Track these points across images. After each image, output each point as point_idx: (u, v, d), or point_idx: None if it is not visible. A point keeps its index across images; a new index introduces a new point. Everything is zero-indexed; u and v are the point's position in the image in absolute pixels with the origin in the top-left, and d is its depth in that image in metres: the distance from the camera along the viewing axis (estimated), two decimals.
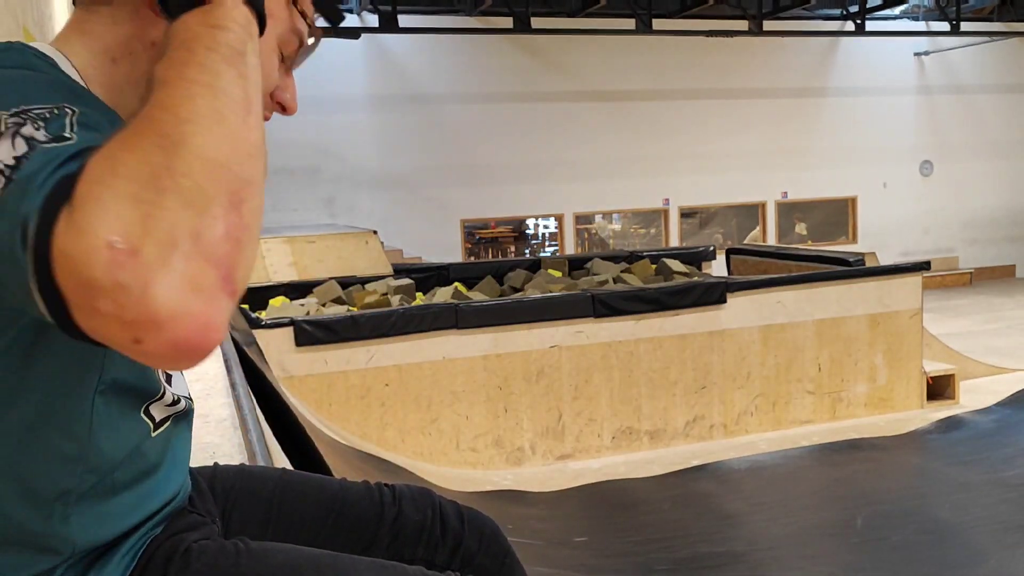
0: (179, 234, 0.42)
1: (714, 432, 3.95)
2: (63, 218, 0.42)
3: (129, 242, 0.41)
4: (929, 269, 4.49)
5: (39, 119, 0.48)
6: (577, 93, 8.98)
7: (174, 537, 0.68)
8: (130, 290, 0.41)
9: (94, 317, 0.42)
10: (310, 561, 0.69)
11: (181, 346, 0.42)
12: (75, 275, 0.41)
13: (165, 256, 0.42)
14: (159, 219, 0.42)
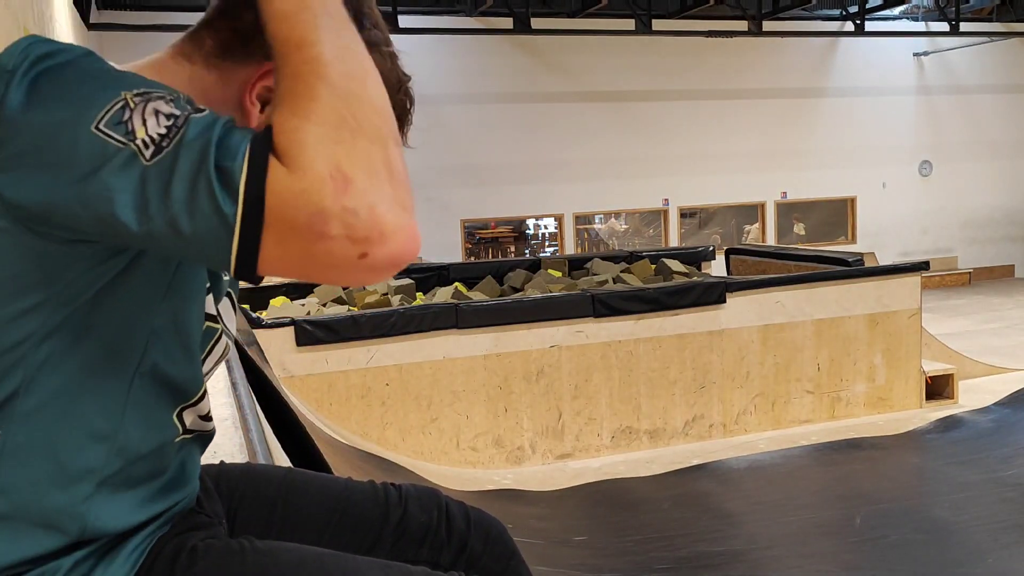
0: (377, 165, 0.51)
1: (713, 431, 3.96)
2: (274, 166, 0.50)
3: (343, 174, 0.49)
4: (928, 269, 4.50)
5: (164, 96, 0.54)
6: (577, 93, 8.99)
7: (181, 536, 0.69)
8: (358, 212, 0.49)
9: (323, 240, 0.49)
10: (315, 560, 0.70)
11: (398, 256, 0.51)
12: (306, 207, 0.49)
13: (374, 182, 0.51)
14: (359, 153, 0.51)
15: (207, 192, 0.50)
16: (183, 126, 0.52)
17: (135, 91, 0.53)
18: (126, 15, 7.16)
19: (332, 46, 0.54)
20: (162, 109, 0.53)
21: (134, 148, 0.51)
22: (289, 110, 0.51)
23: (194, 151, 0.50)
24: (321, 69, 0.53)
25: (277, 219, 0.49)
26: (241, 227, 0.50)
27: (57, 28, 3.98)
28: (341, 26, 0.56)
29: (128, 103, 0.52)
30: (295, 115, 0.51)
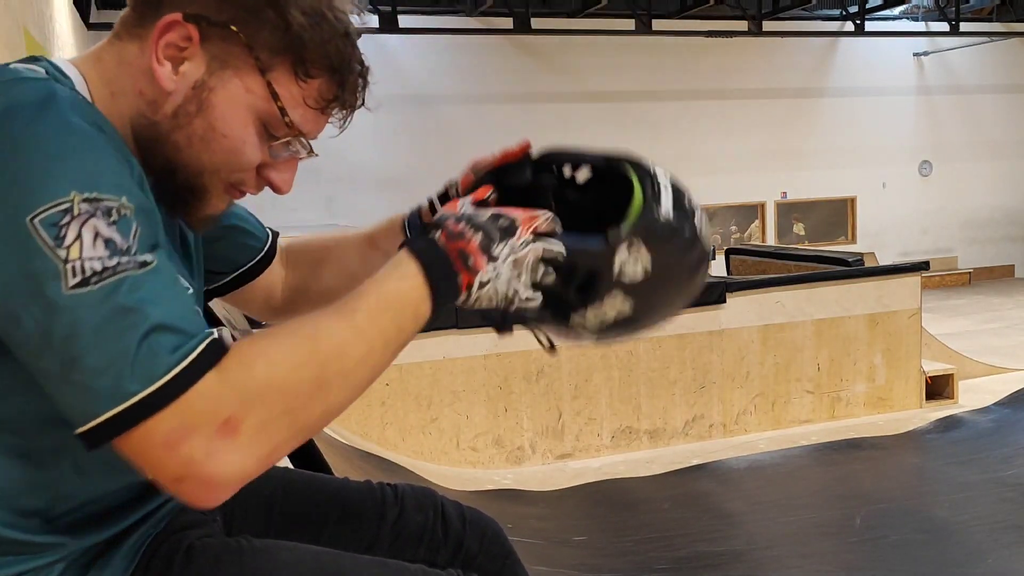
0: (272, 448, 0.53)
1: (713, 431, 3.96)
2: (209, 378, 0.51)
3: (234, 432, 0.51)
4: (928, 269, 4.50)
5: (109, 213, 0.52)
6: (577, 93, 8.99)
7: (176, 535, 0.69)
8: (210, 466, 0.51)
9: (165, 453, 0.50)
10: (312, 559, 0.70)
11: (198, 500, 0.53)
12: (184, 426, 0.50)
13: (252, 455, 0.52)
14: (269, 432, 0.53)
15: (117, 364, 0.49)
16: (120, 273, 0.50)
17: (85, 194, 0.51)
18: None
19: (367, 339, 0.57)
20: (102, 231, 0.51)
21: (59, 267, 0.49)
22: (262, 349, 0.53)
23: (122, 319, 0.49)
24: (331, 339, 0.55)
25: (164, 420, 0.50)
26: (126, 410, 0.49)
27: (57, 28, 3.98)
28: (399, 334, 0.59)
29: (72, 208, 0.50)
30: (259, 357, 0.52)
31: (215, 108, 0.61)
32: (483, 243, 0.62)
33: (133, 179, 0.56)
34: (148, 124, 0.62)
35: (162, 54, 0.61)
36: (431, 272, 0.61)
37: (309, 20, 0.62)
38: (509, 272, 0.63)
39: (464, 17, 8.35)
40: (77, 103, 0.56)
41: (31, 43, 3.02)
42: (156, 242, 0.54)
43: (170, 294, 0.53)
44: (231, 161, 0.63)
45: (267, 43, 0.61)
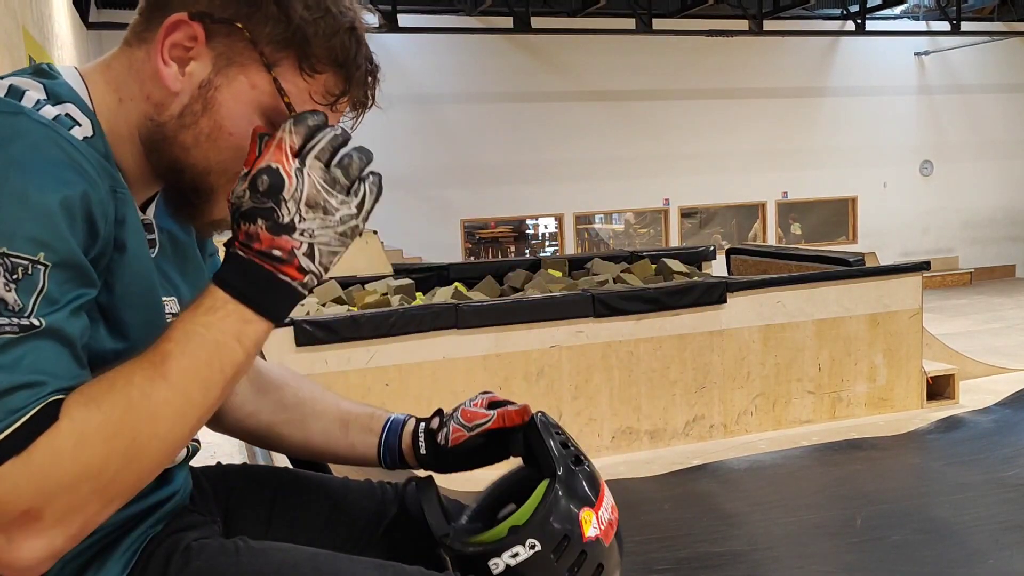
0: (82, 525, 0.52)
1: (714, 432, 3.95)
2: (8, 467, 0.48)
3: (36, 520, 0.49)
4: (929, 269, 4.49)
5: (14, 271, 0.50)
6: (577, 93, 8.98)
7: (174, 535, 0.69)
8: (12, 553, 0.50)
9: None
10: (309, 560, 0.70)
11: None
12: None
13: (59, 536, 0.51)
14: (75, 513, 0.51)
15: None
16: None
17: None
18: (126, 14, 7.16)
19: (181, 398, 0.54)
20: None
21: None
22: (74, 434, 0.50)
23: None
24: (144, 401, 0.52)
25: None
26: None
27: (56, 28, 3.97)
28: (219, 384, 0.56)
29: None
30: (73, 431, 0.50)
31: (221, 106, 0.61)
32: (269, 226, 0.57)
33: (98, 212, 0.54)
34: (154, 126, 0.62)
35: (168, 55, 0.61)
36: (239, 286, 0.57)
37: (312, 14, 0.61)
38: (315, 214, 0.57)
39: (464, 16, 8.34)
40: (38, 143, 0.53)
41: (30, 43, 3.02)
42: (74, 292, 0.53)
43: (40, 360, 0.50)
44: (239, 159, 0.61)
45: (271, 38, 0.60)
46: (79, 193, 0.54)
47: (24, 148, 0.52)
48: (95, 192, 0.55)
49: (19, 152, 0.52)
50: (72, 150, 0.55)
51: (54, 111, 0.57)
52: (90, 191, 0.54)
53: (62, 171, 0.53)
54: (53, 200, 0.52)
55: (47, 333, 0.51)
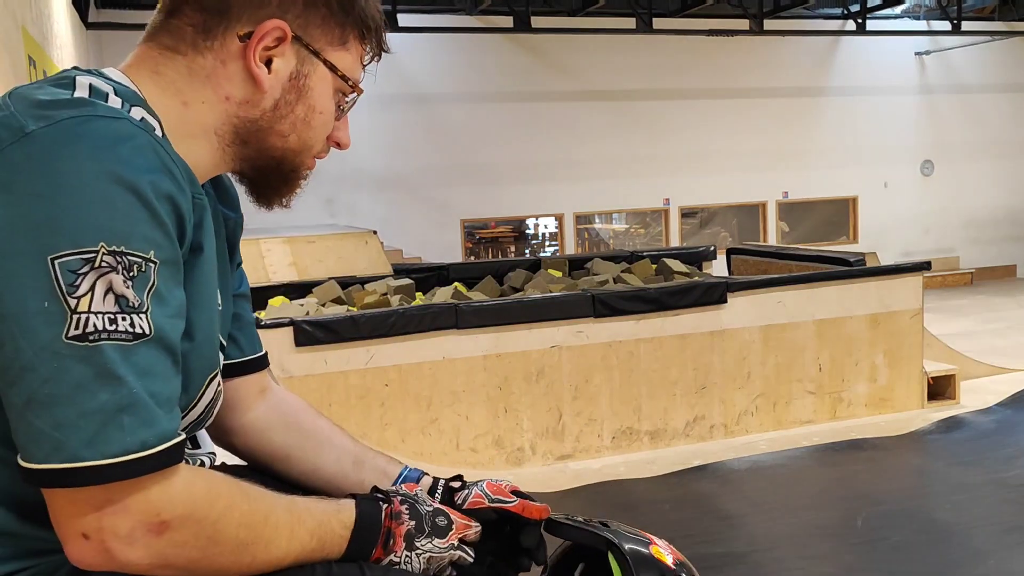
0: (165, 564, 0.56)
1: (714, 432, 3.95)
2: (149, 482, 0.53)
3: (159, 534, 0.55)
4: (930, 269, 4.48)
5: (131, 268, 0.53)
6: (577, 92, 8.97)
7: None
8: (120, 544, 0.54)
9: (90, 513, 0.53)
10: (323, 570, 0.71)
11: (82, 562, 0.55)
12: (121, 506, 0.53)
13: (154, 558, 0.55)
14: (178, 552, 0.56)
15: (80, 425, 0.51)
16: (117, 340, 0.52)
17: (112, 247, 0.52)
18: (125, 14, 7.15)
19: (286, 547, 0.62)
20: (116, 287, 0.52)
21: (65, 313, 0.51)
22: (224, 497, 0.58)
23: (103, 384, 0.51)
24: (253, 529, 0.60)
25: (99, 496, 0.52)
26: (68, 471, 0.51)
27: (56, 27, 3.97)
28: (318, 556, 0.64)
29: (95, 260, 0.51)
30: (218, 501, 0.58)
31: (312, 91, 0.68)
32: (410, 533, 0.68)
33: (187, 216, 0.59)
34: (248, 122, 0.67)
35: (259, 58, 0.66)
36: (357, 535, 0.67)
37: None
38: (420, 564, 0.69)
39: (464, 16, 8.33)
40: (142, 147, 0.56)
41: (30, 42, 3.01)
42: (175, 292, 0.57)
43: (160, 371, 0.54)
44: (323, 134, 0.71)
45: (340, 19, 0.68)
46: (176, 196, 0.57)
47: (131, 151, 0.55)
48: (184, 198, 0.59)
49: (128, 154, 0.55)
50: (166, 156, 0.58)
51: (137, 116, 0.60)
52: (181, 197, 0.58)
53: (162, 175, 0.57)
54: (160, 201, 0.56)
55: (160, 342, 0.55)
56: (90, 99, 0.58)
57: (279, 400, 0.86)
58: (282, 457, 0.84)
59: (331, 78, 0.69)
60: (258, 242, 4.74)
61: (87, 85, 0.60)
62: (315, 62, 0.68)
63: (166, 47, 0.66)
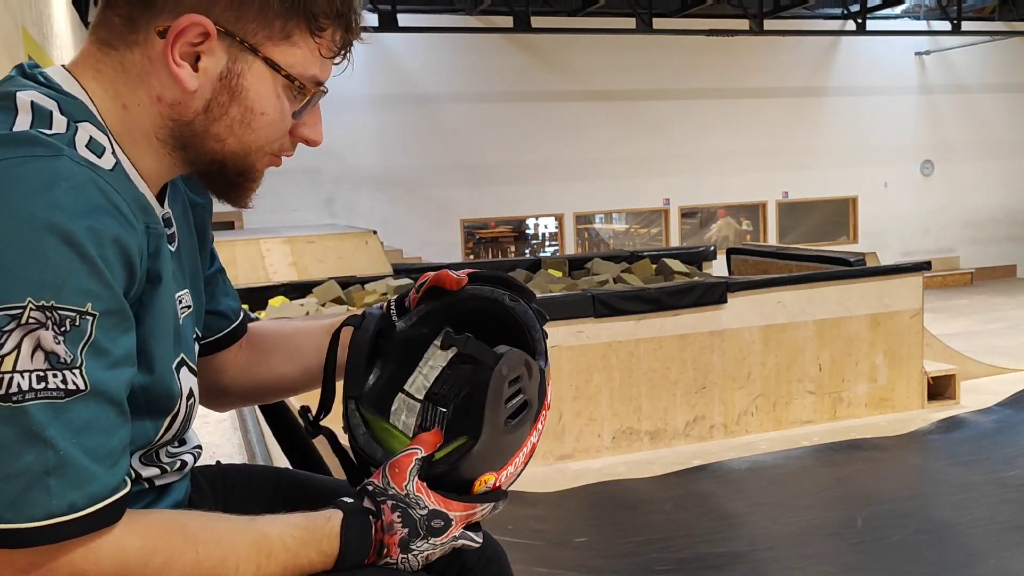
0: None
1: (714, 432, 3.95)
2: (75, 545, 0.51)
3: None
4: (930, 269, 4.48)
5: (62, 324, 0.50)
6: (577, 92, 8.97)
7: None
8: None
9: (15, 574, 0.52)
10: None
11: None
12: (46, 569, 0.52)
13: None
14: None
15: (3, 488, 0.49)
16: (45, 399, 0.50)
17: (41, 302, 0.49)
18: None
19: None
20: (45, 344, 0.50)
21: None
22: (159, 553, 0.56)
23: (28, 446, 0.49)
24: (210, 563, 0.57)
25: (23, 559, 0.51)
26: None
27: (56, 27, 3.97)
28: None
29: (22, 316, 0.49)
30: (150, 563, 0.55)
31: (248, 90, 0.61)
32: (404, 539, 0.65)
33: (136, 253, 0.55)
34: (181, 126, 0.62)
35: (179, 56, 0.60)
36: (344, 555, 0.64)
37: None
38: (419, 563, 0.66)
39: (464, 16, 8.33)
40: (82, 186, 0.53)
41: (29, 42, 3.01)
42: (120, 340, 0.54)
43: (100, 425, 0.52)
44: (272, 134, 0.64)
45: (278, 11, 0.61)
46: (121, 238, 0.53)
47: (69, 193, 0.51)
48: (132, 236, 0.55)
49: (64, 197, 0.51)
50: (111, 191, 0.54)
51: (84, 136, 0.56)
52: (128, 235, 0.54)
53: (104, 216, 0.53)
54: (101, 247, 0.52)
55: (97, 395, 0.52)
56: (30, 133, 0.54)
57: (250, 341, 0.84)
58: (279, 384, 0.83)
59: (272, 76, 0.61)
60: (258, 242, 4.74)
61: (29, 106, 0.56)
62: (250, 59, 0.60)
63: (103, 42, 0.61)
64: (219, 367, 0.81)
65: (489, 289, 0.72)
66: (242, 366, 0.82)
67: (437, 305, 0.73)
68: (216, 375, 0.81)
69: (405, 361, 0.72)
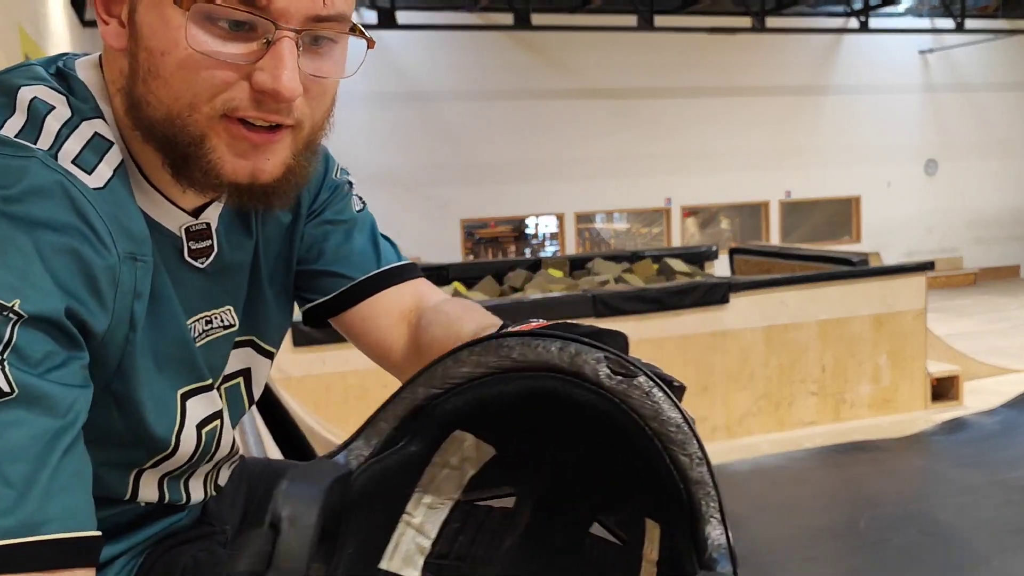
0: None
1: (716, 434, 3.92)
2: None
3: None
4: (933, 269, 4.45)
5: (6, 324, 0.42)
6: (578, 91, 8.94)
7: (171, 551, 0.65)
8: None
9: None
10: None
11: None
12: None
13: None
14: None
15: None
16: None
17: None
18: None
19: None
20: None
21: None
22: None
23: None
24: None
25: None
26: None
27: (52, 25, 3.94)
28: None
29: None
30: None
31: (142, 26, 0.49)
32: None
33: (103, 278, 0.46)
34: (127, 99, 0.51)
35: (103, 11, 0.51)
36: None
37: None
38: None
39: (463, 13, 8.30)
40: (45, 191, 0.45)
41: (26, 41, 2.99)
42: (57, 353, 0.43)
43: (15, 442, 0.40)
44: (194, 81, 0.48)
45: None
46: (79, 250, 0.45)
47: (25, 191, 0.45)
48: (99, 256, 0.46)
49: (18, 194, 0.44)
50: (84, 203, 0.46)
51: (76, 146, 0.48)
52: (92, 253, 0.46)
53: (66, 225, 0.45)
54: (46, 249, 0.44)
55: (21, 403, 0.41)
56: (2, 136, 0.47)
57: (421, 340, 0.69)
58: (430, 345, 0.68)
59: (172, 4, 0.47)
60: None
61: (26, 105, 0.48)
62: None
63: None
64: (382, 340, 0.73)
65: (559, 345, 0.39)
66: (408, 342, 0.72)
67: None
68: (385, 348, 0.73)
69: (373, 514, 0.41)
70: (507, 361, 0.37)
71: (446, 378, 0.39)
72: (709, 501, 0.35)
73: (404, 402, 0.40)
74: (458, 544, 0.38)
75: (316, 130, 0.56)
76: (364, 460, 0.39)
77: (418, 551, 0.38)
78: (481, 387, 0.37)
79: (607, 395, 0.34)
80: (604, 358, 0.34)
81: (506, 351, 0.36)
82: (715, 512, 0.35)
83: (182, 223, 0.56)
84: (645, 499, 0.34)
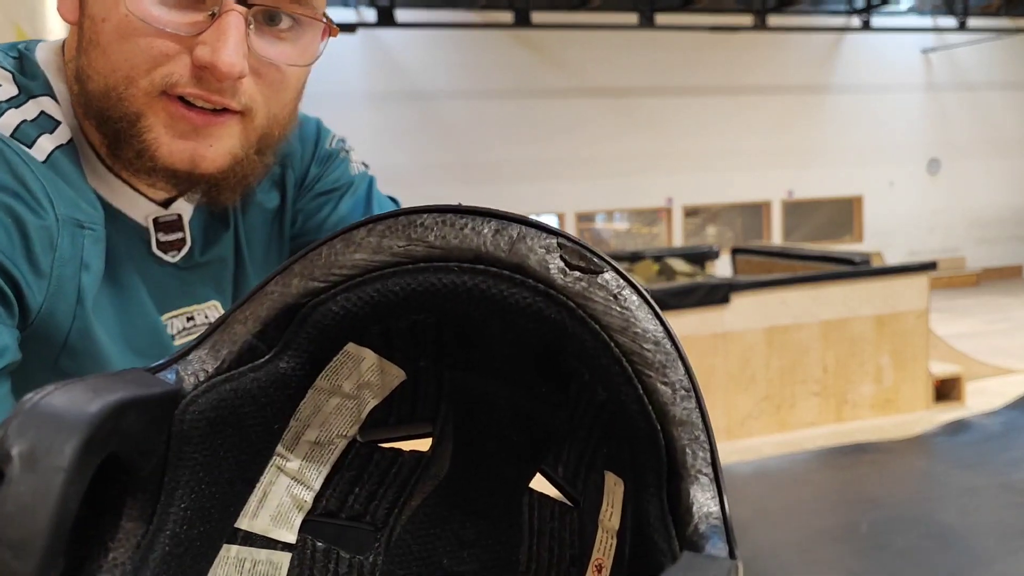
0: None
1: (718, 436, 3.85)
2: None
3: None
4: (936, 269, 4.43)
5: None
6: (578, 89, 8.91)
7: None
8: None
9: None
10: None
11: None
12: None
13: None
14: None
15: None
16: None
17: None
18: None
19: None
20: None
21: None
22: None
23: None
24: None
25: None
26: None
27: (49, 24, 3.93)
28: None
29: None
30: None
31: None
32: None
33: (36, 237, 0.44)
34: (75, 75, 0.49)
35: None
36: None
37: None
38: None
39: (463, 11, 8.27)
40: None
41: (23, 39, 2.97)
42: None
43: None
44: (130, 50, 0.45)
45: None
46: (12, 207, 0.43)
47: None
48: (35, 215, 0.44)
49: None
50: (22, 166, 0.44)
51: (17, 116, 0.46)
52: (26, 212, 0.44)
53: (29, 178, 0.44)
54: None
55: None
56: None
57: None
58: None
59: None
60: None
61: None
62: None
63: None
64: None
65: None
66: None
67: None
68: None
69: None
70: (419, 246, 0.25)
71: (332, 267, 0.26)
72: (696, 450, 0.25)
73: (270, 298, 0.27)
74: (353, 499, 0.27)
75: (273, 124, 0.51)
76: (207, 376, 0.26)
77: (295, 506, 0.27)
78: (381, 281, 0.25)
79: (558, 296, 0.24)
80: (557, 245, 0.25)
81: (420, 232, 0.25)
82: (705, 467, 0.25)
83: (148, 213, 0.53)
84: (606, 444, 0.24)
